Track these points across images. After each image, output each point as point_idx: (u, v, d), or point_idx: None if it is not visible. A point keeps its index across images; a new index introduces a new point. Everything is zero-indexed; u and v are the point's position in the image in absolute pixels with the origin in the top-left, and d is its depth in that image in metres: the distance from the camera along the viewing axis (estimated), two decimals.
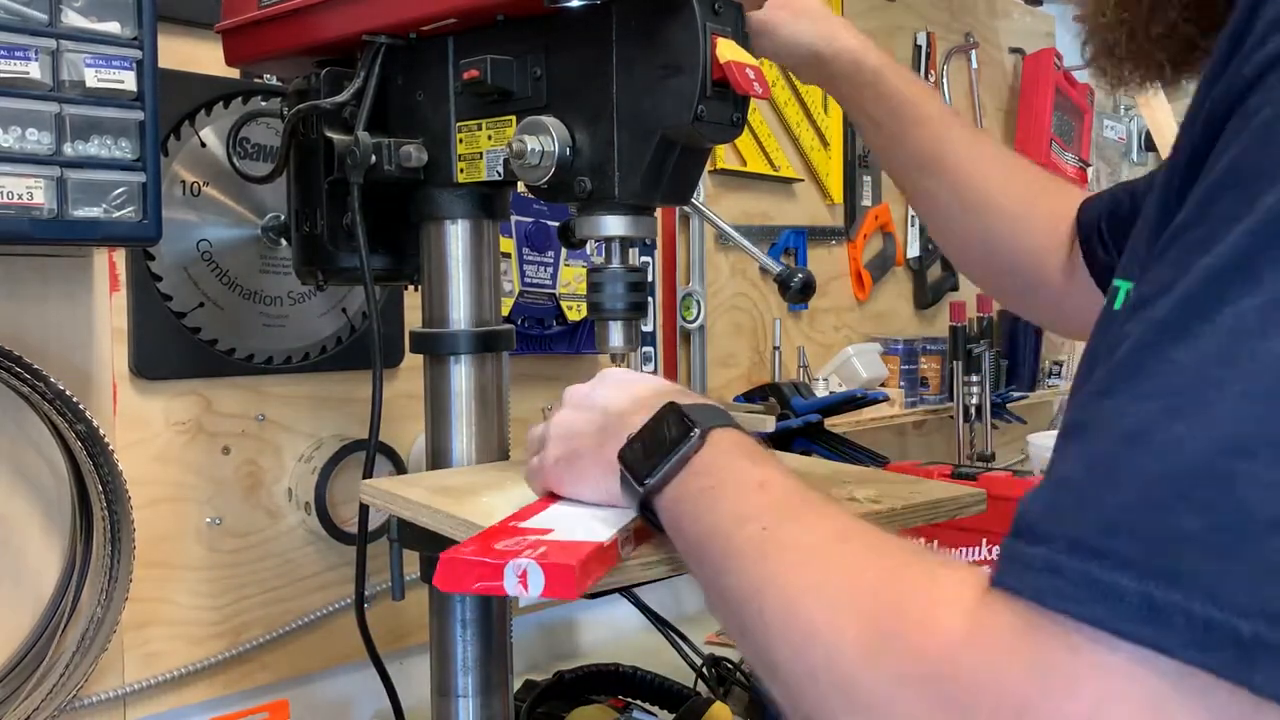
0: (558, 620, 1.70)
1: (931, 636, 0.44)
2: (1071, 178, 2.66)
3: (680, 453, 0.64)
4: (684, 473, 0.64)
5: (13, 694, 1.10)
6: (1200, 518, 0.38)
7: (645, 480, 0.65)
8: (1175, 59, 0.65)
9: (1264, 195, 0.41)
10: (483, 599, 0.98)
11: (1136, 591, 0.38)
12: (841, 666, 0.47)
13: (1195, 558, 0.38)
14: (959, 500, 0.85)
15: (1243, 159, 0.43)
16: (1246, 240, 0.41)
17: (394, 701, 1.11)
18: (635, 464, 0.67)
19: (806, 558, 0.53)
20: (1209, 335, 0.40)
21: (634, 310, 0.88)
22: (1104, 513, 0.40)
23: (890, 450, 2.02)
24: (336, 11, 0.97)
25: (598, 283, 0.88)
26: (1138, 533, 0.39)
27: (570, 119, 0.85)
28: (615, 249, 0.88)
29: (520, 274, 1.55)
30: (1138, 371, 0.42)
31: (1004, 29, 2.67)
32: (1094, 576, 0.39)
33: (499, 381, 1.02)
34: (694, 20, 0.78)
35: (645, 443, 0.67)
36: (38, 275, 1.14)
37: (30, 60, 0.96)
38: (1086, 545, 0.40)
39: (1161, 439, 0.40)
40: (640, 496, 0.66)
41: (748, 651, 0.56)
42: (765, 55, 1.04)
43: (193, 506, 1.28)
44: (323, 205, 1.02)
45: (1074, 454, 0.44)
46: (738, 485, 0.61)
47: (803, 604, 0.50)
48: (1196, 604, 0.37)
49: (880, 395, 1.96)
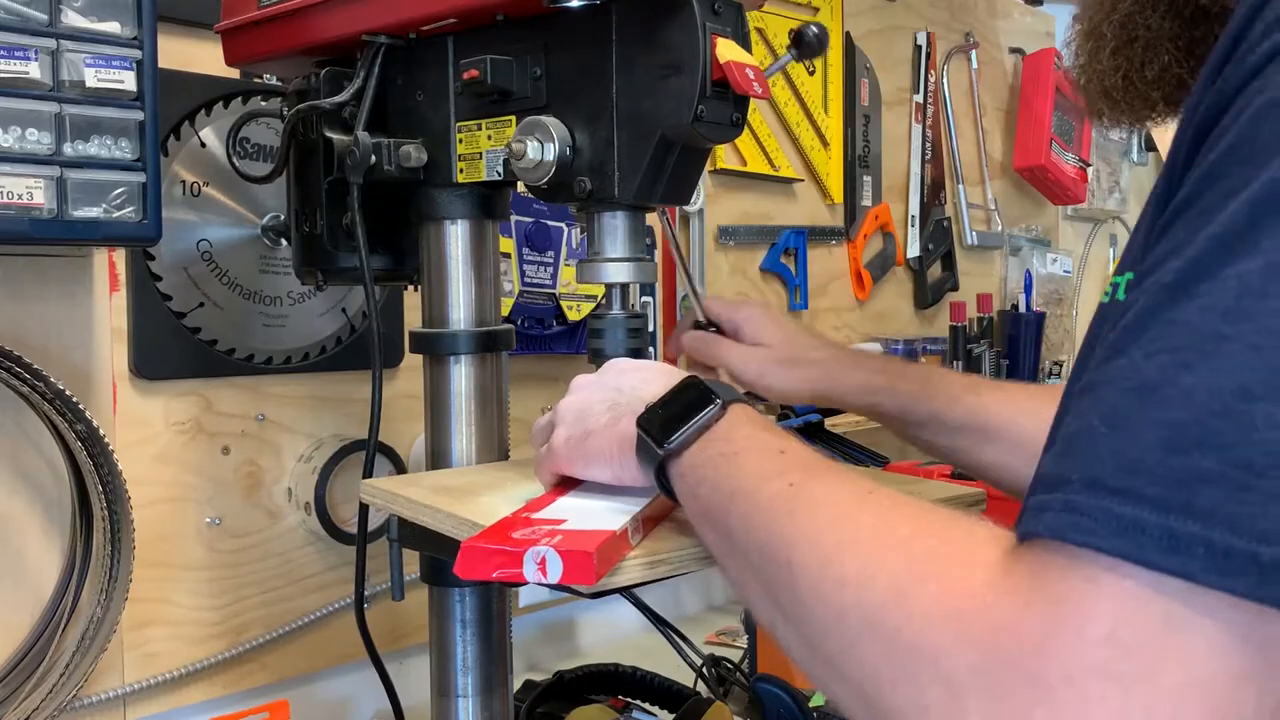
0: (557, 620, 1.70)
1: (960, 578, 0.46)
2: (1073, 178, 2.66)
3: (701, 419, 0.66)
4: (703, 439, 0.65)
5: (13, 694, 1.10)
6: (1216, 456, 0.40)
7: (664, 444, 0.66)
8: (1169, 97, 0.67)
9: (1264, 169, 0.43)
10: (482, 599, 0.98)
11: (1157, 524, 0.40)
12: (870, 606, 0.48)
13: (1213, 492, 0.40)
14: (960, 499, 0.86)
15: (1243, 137, 0.45)
16: (1246, 209, 0.43)
17: (394, 701, 1.11)
18: (653, 429, 0.68)
19: (837, 512, 0.54)
20: (1213, 294, 0.42)
21: (634, 355, 0.89)
22: (1121, 456, 0.42)
23: (890, 450, 2.02)
24: (336, 12, 0.97)
25: (598, 329, 0.88)
26: (1156, 472, 0.41)
27: (570, 119, 0.85)
28: (615, 295, 0.88)
29: (520, 274, 1.55)
30: (1144, 330, 0.44)
31: (1004, 29, 2.67)
32: (1114, 512, 0.41)
33: (499, 381, 1.02)
34: (694, 20, 0.78)
35: (665, 409, 0.68)
36: (38, 275, 1.14)
37: (30, 60, 0.96)
38: (1104, 484, 0.42)
39: (1174, 389, 0.42)
40: (658, 460, 0.67)
41: (767, 605, 0.56)
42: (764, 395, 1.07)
43: (193, 506, 1.28)
44: (322, 205, 1.02)
45: (1085, 409, 0.45)
46: (760, 450, 0.62)
47: (836, 555, 0.51)
48: (1216, 533, 0.39)
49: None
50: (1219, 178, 0.45)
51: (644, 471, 0.70)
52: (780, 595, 0.54)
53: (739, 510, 0.59)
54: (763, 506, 0.57)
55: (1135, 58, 0.66)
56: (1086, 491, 0.43)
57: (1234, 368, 0.41)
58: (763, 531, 0.56)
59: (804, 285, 2.10)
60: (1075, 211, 2.88)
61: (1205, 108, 0.48)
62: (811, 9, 2.10)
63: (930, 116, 2.41)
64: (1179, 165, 0.50)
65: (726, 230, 1.95)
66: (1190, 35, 0.64)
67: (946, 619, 0.45)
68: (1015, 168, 2.65)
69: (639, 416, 0.69)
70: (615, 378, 0.78)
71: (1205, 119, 0.48)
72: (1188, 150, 0.49)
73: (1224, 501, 0.40)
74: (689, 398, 0.68)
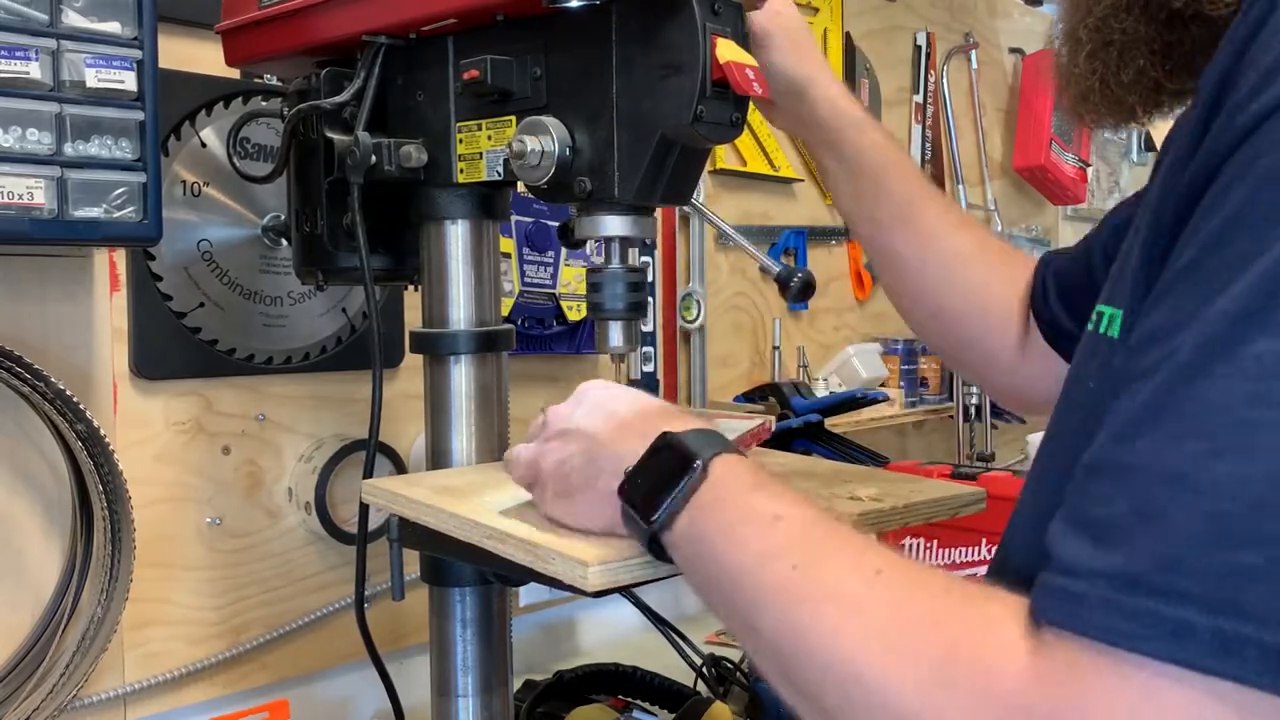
0: (558, 620, 1.70)
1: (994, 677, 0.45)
2: (1072, 178, 2.67)
3: (684, 486, 0.63)
4: (689, 507, 0.63)
5: (13, 694, 1.10)
6: (1259, 551, 0.39)
7: (651, 519, 0.64)
8: (1145, 101, 0.68)
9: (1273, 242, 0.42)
10: (483, 598, 0.98)
11: (1206, 627, 0.39)
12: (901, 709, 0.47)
13: (1260, 590, 0.39)
14: (959, 499, 0.86)
15: (1251, 202, 0.44)
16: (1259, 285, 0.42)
17: (394, 701, 1.11)
18: (638, 502, 0.65)
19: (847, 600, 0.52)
20: (1234, 377, 0.42)
21: (634, 310, 0.88)
22: (1159, 551, 0.41)
23: (890, 450, 2.02)
24: (336, 12, 0.97)
25: (597, 283, 0.88)
26: (1198, 569, 0.40)
27: (570, 119, 0.86)
28: (615, 249, 0.88)
29: (520, 274, 1.55)
30: (1165, 413, 0.43)
31: (1004, 29, 2.67)
32: (1161, 614, 0.40)
33: (499, 381, 1.02)
34: (693, 20, 0.78)
35: (645, 478, 0.66)
36: (38, 275, 1.14)
37: (31, 60, 0.96)
38: (1145, 582, 0.41)
39: (1208, 478, 0.41)
40: (647, 535, 0.65)
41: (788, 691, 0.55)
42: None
43: (193, 506, 1.28)
44: (323, 205, 1.02)
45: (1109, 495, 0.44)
46: (755, 521, 0.60)
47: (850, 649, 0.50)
48: (1268, 634, 0.39)
49: (880, 395, 1.96)
50: (1223, 245, 0.45)
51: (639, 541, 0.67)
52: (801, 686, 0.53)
53: (744, 596, 0.57)
54: (769, 593, 0.56)
55: (1111, 61, 0.66)
56: (1128, 590, 0.41)
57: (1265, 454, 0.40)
58: (772, 620, 0.55)
59: None
60: (1075, 212, 2.88)
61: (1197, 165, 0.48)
62: (811, 9, 2.10)
63: (930, 117, 2.41)
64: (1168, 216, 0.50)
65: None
66: (1165, 39, 0.65)
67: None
68: (1015, 168, 2.66)
69: (620, 486, 0.67)
70: (586, 420, 0.73)
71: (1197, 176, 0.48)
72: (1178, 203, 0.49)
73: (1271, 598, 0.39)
74: (667, 463, 0.65)
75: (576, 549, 0.68)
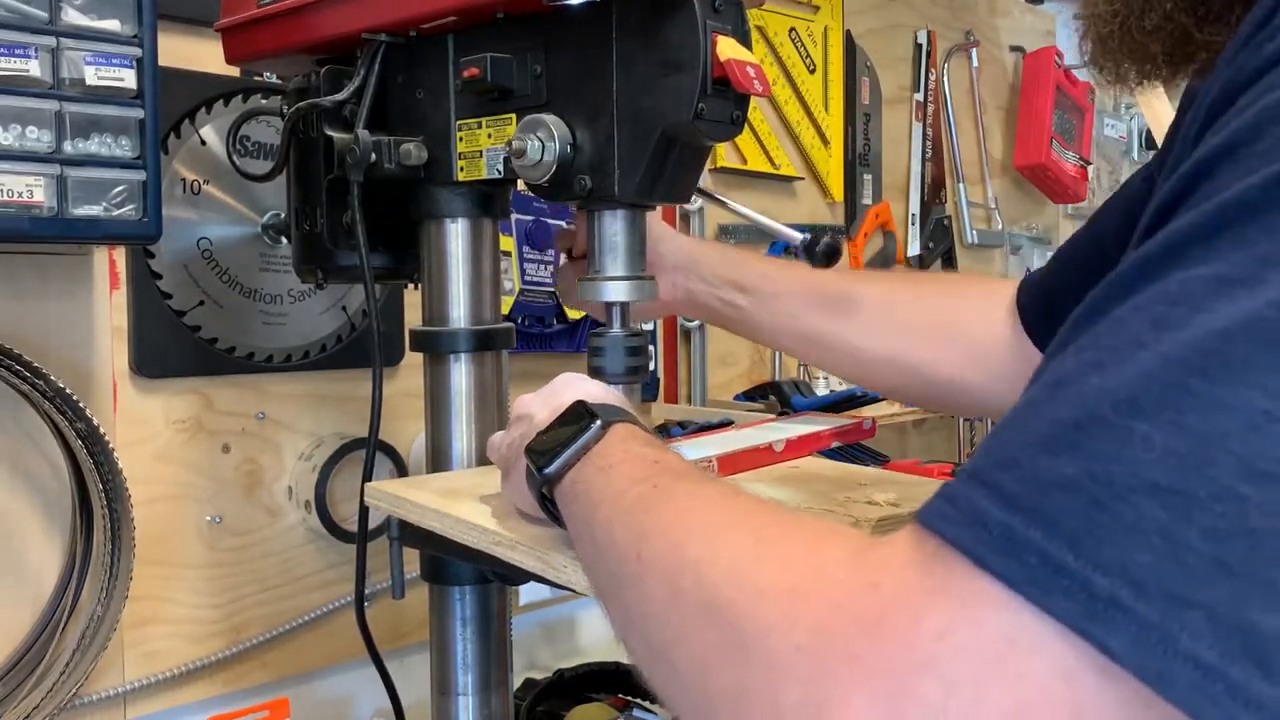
0: (558, 618, 1.70)
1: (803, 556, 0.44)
2: (1073, 176, 2.66)
3: (581, 441, 0.65)
4: (583, 461, 0.64)
5: (13, 692, 1.10)
6: (1079, 464, 0.37)
7: (544, 470, 0.65)
8: (1170, 52, 0.62)
9: (1249, 175, 0.39)
10: (483, 597, 0.98)
11: (1000, 522, 0.38)
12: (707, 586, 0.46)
13: (1065, 502, 0.37)
14: None
15: (1239, 138, 0.41)
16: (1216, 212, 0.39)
17: (394, 700, 1.11)
18: (537, 457, 0.67)
19: (694, 505, 0.52)
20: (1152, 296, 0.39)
21: (633, 374, 0.89)
22: (1005, 450, 0.40)
23: (890, 449, 2.02)
24: (336, 9, 0.97)
25: (599, 348, 0.88)
26: (1023, 469, 0.38)
27: (570, 117, 0.85)
28: (616, 314, 0.88)
29: (520, 272, 1.55)
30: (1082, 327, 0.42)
31: (1004, 27, 2.66)
32: (974, 504, 0.39)
33: (499, 380, 1.02)
34: (694, 18, 0.78)
35: (549, 434, 0.68)
36: (38, 273, 1.14)
37: (30, 58, 0.96)
38: (979, 477, 0.40)
39: (1076, 388, 0.39)
40: (539, 484, 0.66)
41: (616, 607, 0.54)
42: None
43: (193, 505, 1.28)
44: (323, 203, 1.02)
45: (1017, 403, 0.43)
46: (633, 461, 0.62)
47: (684, 540, 0.49)
48: (1053, 546, 0.36)
49: (880, 394, 1.95)
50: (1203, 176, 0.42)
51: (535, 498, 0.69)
52: (627, 592, 0.52)
53: (602, 516, 0.58)
54: (624, 509, 0.56)
55: (1135, 4, 0.61)
56: (965, 481, 0.40)
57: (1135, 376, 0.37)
58: (619, 530, 0.55)
59: None
60: (1075, 210, 2.88)
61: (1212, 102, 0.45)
62: (812, 7, 2.10)
63: (931, 115, 2.41)
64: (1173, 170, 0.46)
65: (726, 229, 1.95)
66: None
67: (780, 595, 0.42)
68: (1015, 166, 2.65)
69: (527, 444, 0.69)
70: (536, 407, 0.76)
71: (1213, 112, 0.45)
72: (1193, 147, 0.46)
73: (1072, 514, 0.36)
74: (570, 421, 0.67)
75: None
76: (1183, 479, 0.35)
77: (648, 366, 0.93)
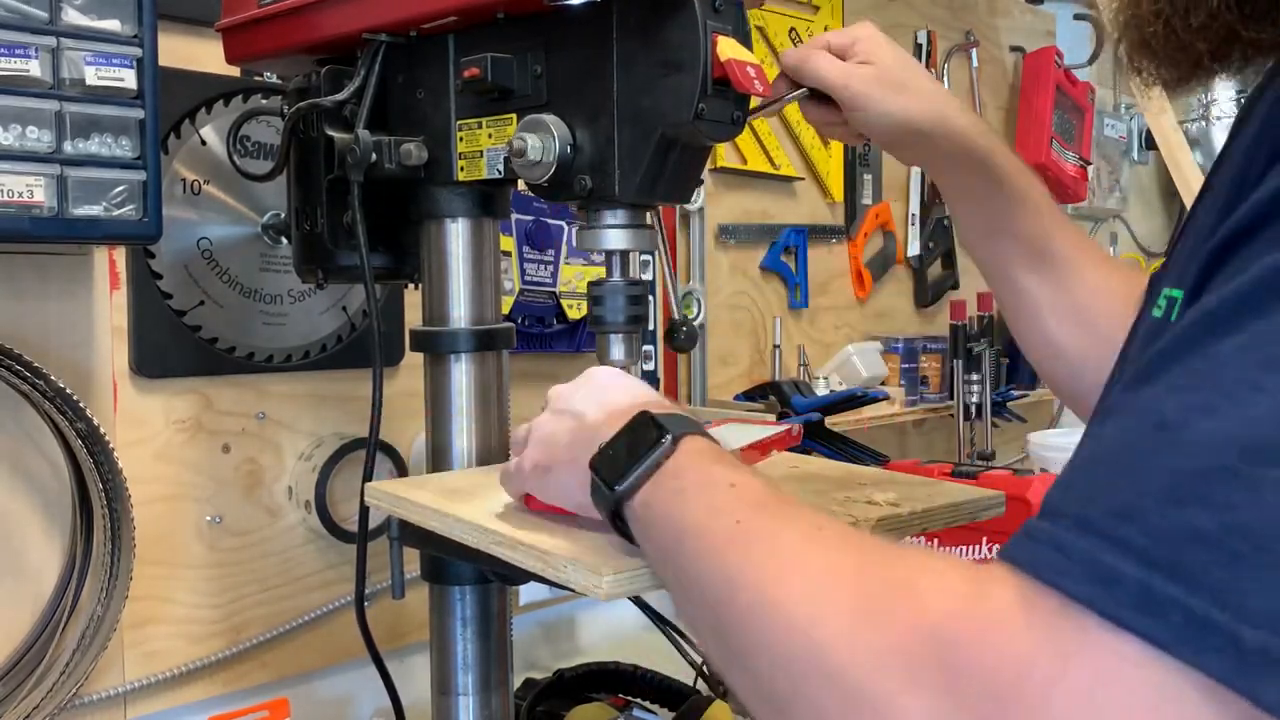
0: (558, 618, 1.70)
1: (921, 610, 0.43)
2: (1073, 176, 2.66)
3: (652, 458, 0.63)
4: (655, 478, 0.63)
5: (13, 692, 1.10)
6: (1216, 517, 0.36)
7: (615, 486, 0.64)
8: (1216, 50, 0.59)
9: None
10: (483, 597, 0.98)
11: (1135, 579, 0.37)
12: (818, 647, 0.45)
13: (1204, 556, 0.36)
14: (979, 503, 0.84)
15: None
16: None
17: (394, 699, 1.11)
18: (606, 471, 0.65)
19: (783, 546, 0.52)
20: (1256, 335, 0.39)
21: (634, 323, 0.88)
22: (1119, 497, 0.39)
23: (890, 449, 2.02)
24: (337, 9, 0.97)
25: (598, 296, 0.88)
26: (1149, 522, 0.38)
27: (571, 117, 0.85)
28: (616, 262, 0.88)
29: (520, 272, 1.55)
30: (1177, 361, 0.41)
31: (1004, 27, 2.66)
32: (1095, 557, 0.38)
33: (499, 380, 1.02)
34: (694, 18, 0.78)
35: (616, 450, 0.66)
36: (38, 273, 1.14)
37: (30, 58, 0.96)
38: (1095, 526, 0.39)
39: (1191, 434, 0.38)
40: (611, 502, 0.65)
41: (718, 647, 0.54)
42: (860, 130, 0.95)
43: (193, 505, 1.28)
44: (323, 203, 1.02)
45: (1104, 435, 0.42)
46: (710, 485, 0.60)
47: (784, 597, 0.49)
48: (1197, 601, 0.36)
49: (880, 394, 1.96)
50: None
51: (601, 513, 0.68)
52: (731, 638, 0.52)
53: (688, 550, 0.57)
54: (710, 546, 0.55)
55: (1179, 2, 0.58)
56: (1076, 530, 0.39)
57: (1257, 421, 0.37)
58: (711, 572, 0.54)
59: (804, 284, 2.10)
60: (1075, 210, 2.87)
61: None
62: (812, 7, 2.10)
63: None
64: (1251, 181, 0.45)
65: (726, 229, 1.95)
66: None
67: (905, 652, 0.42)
68: None
69: (592, 457, 0.67)
70: (582, 402, 0.75)
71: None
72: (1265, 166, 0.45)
73: (1214, 567, 0.36)
74: (639, 435, 0.65)
75: (588, 557, 0.68)
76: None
77: (647, 316, 0.92)
